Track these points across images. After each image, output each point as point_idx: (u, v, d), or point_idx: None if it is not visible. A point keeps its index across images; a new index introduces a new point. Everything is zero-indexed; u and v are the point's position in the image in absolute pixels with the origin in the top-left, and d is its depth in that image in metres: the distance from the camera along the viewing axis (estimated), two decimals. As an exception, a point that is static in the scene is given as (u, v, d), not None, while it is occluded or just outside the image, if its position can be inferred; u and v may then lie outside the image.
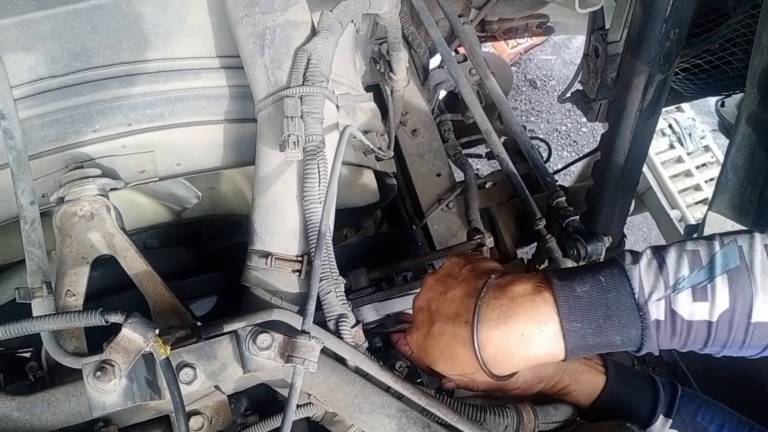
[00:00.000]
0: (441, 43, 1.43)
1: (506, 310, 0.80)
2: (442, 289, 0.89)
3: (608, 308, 0.76)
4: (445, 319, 0.85)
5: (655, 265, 0.76)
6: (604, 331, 0.76)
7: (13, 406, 0.83)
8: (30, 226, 0.89)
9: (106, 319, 0.76)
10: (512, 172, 1.35)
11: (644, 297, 0.75)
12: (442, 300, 0.87)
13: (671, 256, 0.76)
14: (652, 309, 0.75)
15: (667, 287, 0.74)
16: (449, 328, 0.84)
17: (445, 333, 0.85)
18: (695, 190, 3.07)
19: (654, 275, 0.75)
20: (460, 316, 0.83)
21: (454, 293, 0.86)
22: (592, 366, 1.02)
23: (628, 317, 0.75)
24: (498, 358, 0.81)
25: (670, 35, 1.29)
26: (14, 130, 0.92)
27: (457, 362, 0.85)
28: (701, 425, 0.96)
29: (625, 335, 0.76)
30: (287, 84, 0.93)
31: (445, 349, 0.85)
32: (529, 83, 4.53)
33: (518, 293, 0.80)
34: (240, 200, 1.32)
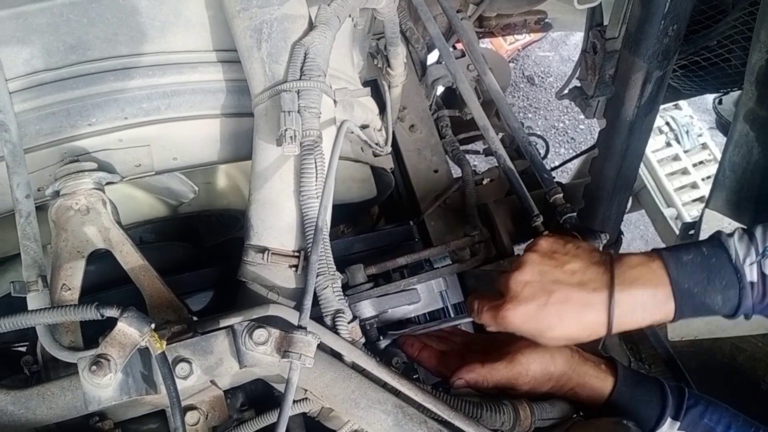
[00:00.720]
0: (439, 38, 1.43)
1: (628, 276, 0.92)
2: (555, 263, 0.96)
3: (710, 272, 0.90)
4: (569, 287, 0.93)
5: (746, 237, 0.90)
6: (708, 291, 0.89)
7: (8, 401, 0.82)
8: (25, 220, 0.89)
9: (102, 313, 0.76)
10: (510, 168, 1.34)
11: (740, 261, 0.89)
12: (561, 272, 0.95)
13: (759, 230, 0.90)
14: (747, 271, 0.88)
15: (757, 253, 0.88)
16: (577, 294, 0.93)
17: (570, 300, 0.93)
18: (692, 188, 3.08)
19: (746, 244, 0.89)
20: (587, 285, 0.93)
21: (573, 266, 0.95)
22: (601, 369, 1.03)
23: (729, 278, 0.89)
24: (624, 318, 0.91)
25: (668, 32, 1.28)
26: (9, 123, 0.91)
27: (581, 326, 0.93)
28: (708, 426, 0.97)
29: (725, 295, 0.89)
30: (284, 78, 0.93)
31: (568, 315, 0.93)
32: (527, 80, 4.53)
33: (635, 262, 0.93)
34: (237, 195, 1.32)
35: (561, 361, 1.00)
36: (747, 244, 0.89)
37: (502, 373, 0.99)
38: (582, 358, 1.03)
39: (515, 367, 0.99)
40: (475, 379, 0.99)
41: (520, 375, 0.98)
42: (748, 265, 0.88)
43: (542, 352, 1.00)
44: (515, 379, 0.99)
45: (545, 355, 1.00)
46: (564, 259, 0.97)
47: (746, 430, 0.97)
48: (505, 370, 0.99)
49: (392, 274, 1.16)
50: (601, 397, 1.01)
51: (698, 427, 0.97)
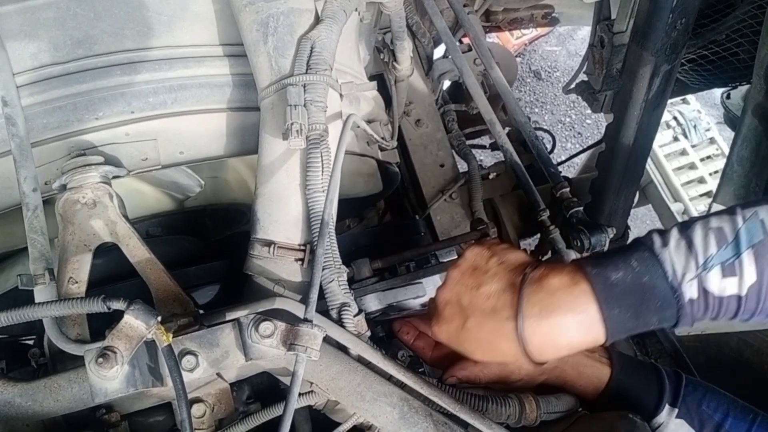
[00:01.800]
0: (445, 32, 1.43)
1: (547, 304, 0.82)
2: (473, 283, 0.90)
3: (644, 293, 0.79)
4: (481, 313, 0.87)
5: (684, 245, 0.79)
6: (641, 314, 0.79)
7: (15, 393, 0.83)
8: (32, 213, 0.89)
9: (108, 306, 0.76)
10: (516, 162, 1.34)
11: (678, 279, 0.78)
12: (476, 294, 0.88)
13: (698, 235, 0.78)
14: (685, 289, 0.77)
15: (697, 266, 0.77)
16: (488, 323, 0.86)
17: (483, 327, 0.87)
18: (699, 182, 3.06)
19: (684, 256, 0.78)
20: (499, 312, 0.85)
21: (488, 288, 0.87)
22: (597, 359, 1.02)
23: (664, 299, 0.78)
24: (542, 348, 0.83)
25: (676, 25, 1.28)
26: (17, 117, 0.92)
27: (497, 353, 0.87)
28: (706, 413, 0.97)
29: (661, 315, 0.79)
30: (290, 72, 0.93)
31: (484, 342, 0.87)
32: (534, 74, 4.52)
33: (556, 286, 0.83)
34: (243, 189, 1.32)
35: None
36: (686, 255, 0.78)
37: (493, 371, 0.98)
38: None
39: (507, 365, 0.98)
40: (468, 376, 0.98)
41: (512, 372, 0.98)
42: (687, 282, 0.77)
43: None
44: (507, 376, 0.98)
45: None
46: (482, 279, 0.89)
47: (744, 416, 0.96)
48: (497, 368, 0.98)
49: (398, 268, 1.15)
50: (599, 386, 1.01)
51: (696, 413, 0.97)
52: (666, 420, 0.97)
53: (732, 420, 0.96)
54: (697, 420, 0.96)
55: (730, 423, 0.96)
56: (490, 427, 0.86)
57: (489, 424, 0.86)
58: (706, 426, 0.96)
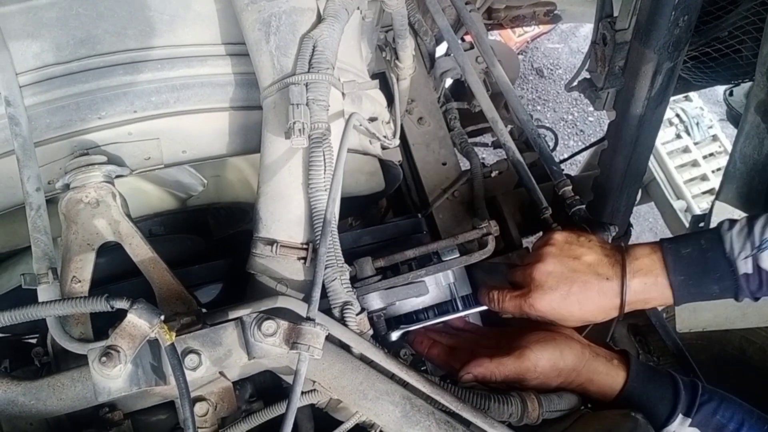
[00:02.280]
0: (447, 30, 1.43)
1: (634, 266, 1.02)
2: (574, 254, 1.06)
3: (705, 264, 0.98)
4: (587, 276, 1.04)
5: (745, 229, 0.97)
6: (703, 282, 0.99)
7: (18, 391, 0.83)
8: (36, 213, 0.90)
9: (112, 305, 0.77)
10: (518, 160, 1.34)
11: (734, 255, 0.96)
12: (579, 263, 1.05)
13: (759, 223, 0.96)
14: (740, 264, 0.96)
15: (753, 247, 0.95)
16: (594, 283, 1.03)
17: (590, 288, 1.03)
18: (702, 180, 3.06)
19: (743, 238, 0.96)
20: (602, 275, 1.03)
21: (589, 257, 1.05)
22: (613, 365, 1.03)
23: (723, 271, 0.97)
24: (632, 302, 1.03)
25: (679, 22, 1.27)
26: (20, 117, 0.92)
27: (598, 310, 1.05)
28: (721, 423, 0.97)
29: (721, 285, 0.98)
30: (293, 71, 0.93)
31: (589, 301, 1.04)
32: (536, 72, 4.52)
33: (640, 254, 1.03)
34: (245, 188, 1.32)
35: (570, 357, 1.01)
36: (744, 237, 0.96)
37: (510, 368, 0.99)
38: (593, 353, 1.03)
39: (524, 363, 0.99)
40: (483, 373, 0.99)
41: (529, 370, 0.98)
42: (742, 259, 0.95)
43: (552, 348, 1.00)
44: (523, 374, 0.99)
45: (555, 351, 1.00)
46: (580, 251, 1.07)
47: (760, 427, 0.96)
48: (513, 365, 0.99)
49: (400, 266, 1.15)
50: (612, 393, 1.01)
51: (710, 423, 0.97)
52: (678, 429, 0.97)
53: (747, 429, 0.96)
54: (712, 429, 0.97)
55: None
56: (493, 425, 0.86)
57: (491, 422, 0.86)
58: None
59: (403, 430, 0.86)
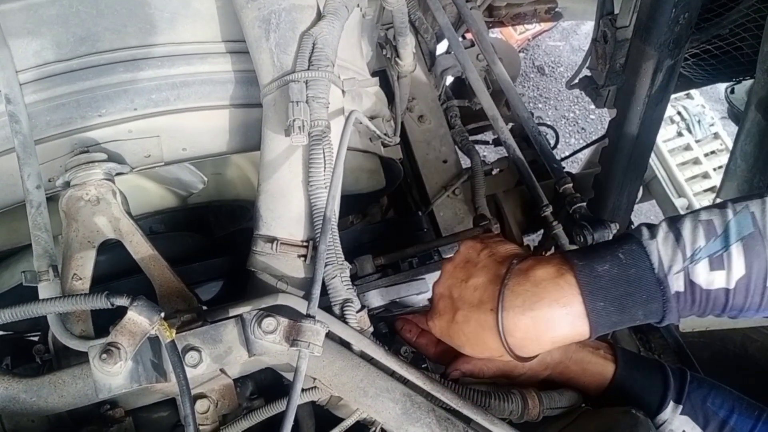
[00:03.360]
0: (448, 28, 1.43)
1: (531, 295, 0.81)
2: (463, 275, 0.90)
3: (629, 285, 0.78)
4: (469, 306, 0.87)
5: (672, 237, 0.78)
6: (626, 307, 0.78)
7: (20, 389, 0.83)
8: (36, 210, 0.90)
9: (112, 302, 0.77)
10: (519, 158, 1.34)
11: (664, 271, 0.77)
12: (464, 287, 0.89)
13: (687, 228, 0.78)
14: (672, 282, 0.76)
15: (684, 259, 0.76)
16: (474, 315, 0.86)
17: (470, 320, 0.86)
18: (703, 177, 3.06)
19: (671, 248, 0.77)
20: (485, 304, 0.85)
21: (476, 280, 0.88)
22: (601, 355, 1.02)
23: (650, 292, 0.77)
24: (525, 342, 0.83)
25: (679, 20, 1.27)
26: (20, 115, 0.92)
27: (484, 347, 0.87)
28: (711, 410, 0.96)
29: (647, 309, 0.78)
30: (292, 68, 0.93)
31: (471, 335, 0.87)
32: (537, 69, 4.51)
33: (541, 277, 0.82)
34: (246, 186, 1.32)
35: (556, 352, 0.99)
36: (673, 248, 0.77)
37: (497, 365, 0.98)
38: (579, 344, 1.02)
39: (511, 359, 0.98)
40: (471, 370, 0.98)
41: (516, 366, 0.98)
42: (673, 274, 0.76)
43: None
44: (511, 370, 0.98)
45: None
46: (471, 271, 0.90)
47: (750, 413, 0.96)
48: (500, 362, 0.98)
49: (401, 264, 1.15)
50: (603, 383, 1.00)
51: (701, 410, 0.96)
52: (670, 416, 0.97)
53: (737, 417, 0.95)
54: (702, 416, 0.96)
55: (735, 419, 0.95)
56: (493, 422, 0.86)
57: (491, 419, 0.86)
58: (711, 422, 0.96)
59: (404, 427, 0.86)
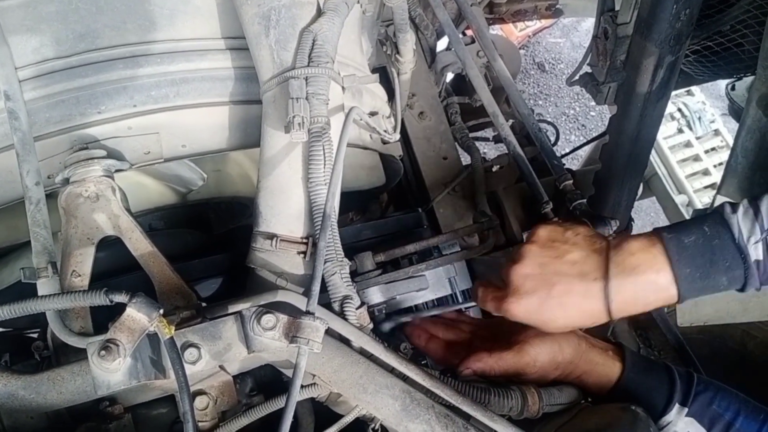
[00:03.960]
0: (448, 25, 1.42)
1: (628, 264, 0.89)
2: (556, 253, 0.95)
3: (713, 253, 0.87)
4: (570, 278, 0.92)
5: (751, 212, 0.87)
6: (711, 273, 0.87)
7: (19, 385, 0.83)
8: (35, 207, 0.90)
9: (111, 299, 0.77)
10: (519, 155, 1.34)
11: (744, 241, 0.86)
12: (560, 263, 0.94)
13: (765, 204, 0.86)
14: (751, 250, 0.85)
15: (762, 231, 0.85)
16: (578, 285, 0.91)
17: (572, 291, 0.92)
18: (704, 174, 3.06)
19: (750, 221, 0.86)
20: (588, 274, 0.91)
21: (573, 255, 0.94)
22: (609, 356, 1.03)
23: (732, 259, 0.86)
24: (624, 305, 0.90)
25: (680, 16, 1.27)
26: (19, 111, 0.92)
27: (584, 316, 0.92)
28: (717, 412, 0.96)
29: (730, 275, 0.87)
30: (292, 65, 0.93)
31: (571, 306, 0.92)
32: (538, 66, 4.51)
33: (635, 248, 0.90)
34: (246, 182, 1.32)
35: (569, 351, 1.00)
36: (752, 221, 0.86)
37: (509, 363, 0.98)
38: (589, 344, 1.03)
39: (523, 357, 0.98)
40: (482, 368, 0.99)
41: (528, 365, 0.98)
42: (752, 244, 0.85)
43: (550, 342, 1.00)
44: (523, 368, 0.98)
45: (553, 345, 1.00)
46: (564, 248, 0.95)
47: (756, 416, 0.96)
48: (512, 360, 0.98)
49: (401, 261, 1.16)
50: (609, 384, 1.01)
51: (707, 413, 0.96)
52: (675, 418, 0.97)
53: (743, 419, 0.96)
54: (708, 419, 0.96)
55: (740, 422, 0.95)
56: (492, 419, 0.86)
57: (491, 416, 0.86)
58: (717, 425, 0.96)
59: (403, 423, 0.86)
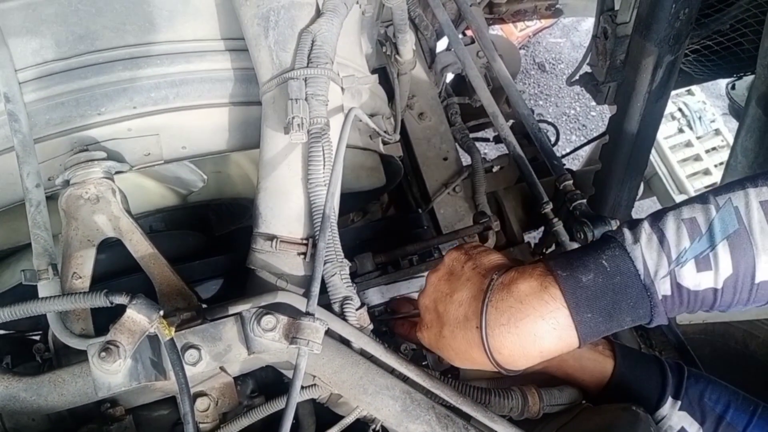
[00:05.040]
0: (448, 25, 1.42)
1: (515, 312, 0.79)
2: (448, 289, 0.87)
3: (615, 293, 0.76)
4: (454, 322, 0.84)
5: (655, 240, 0.75)
6: (614, 315, 0.77)
7: (20, 387, 0.83)
8: (36, 209, 0.90)
9: (111, 301, 0.77)
10: (519, 155, 1.34)
11: (650, 277, 0.75)
12: (449, 302, 0.86)
13: (670, 228, 0.75)
14: (659, 286, 0.75)
15: (670, 262, 0.74)
16: (460, 332, 0.83)
17: (456, 337, 0.84)
18: (704, 174, 3.05)
19: (656, 251, 0.75)
20: (470, 321, 0.82)
21: (460, 295, 0.85)
22: (599, 351, 1.02)
23: (637, 298, 0.75)
24: (513, 358, 0.81)
25: (679, 16, 1.27)
26: (19, 113, 0.92)
27: (473, 363, 0.84)
28: (708, 406, 0.96)
29: (635, 314, 0.77)
30: (291, 66, 0.93)
31: (459, 351, 0.84)
32: (538, 66, 4.51)
33: (524, 292, 0.79)
34: (246, 184, 1.32)
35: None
36: (658, 251, 0.75)
37: None
38: None
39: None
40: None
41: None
42: (659, 279, 0.74)
43: None
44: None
45: None
46: (456, 285, 0.87)
47: (746, 407, 0.96)
48: None
49: (401, 262, 1.16)
50: (603, 379, 1.00)
51: (698, 406, 0.97)
52: (669, 412, 0.97)
53: (733, 412, 0.96)
54: (699, 412, 0.96)
55: (731, 414, 0.95)
56: (493, 419, 0.86)
57: (491, 416, 0.86)
58: (708, 418, 0.96)
59: (404, 424, 0.86)
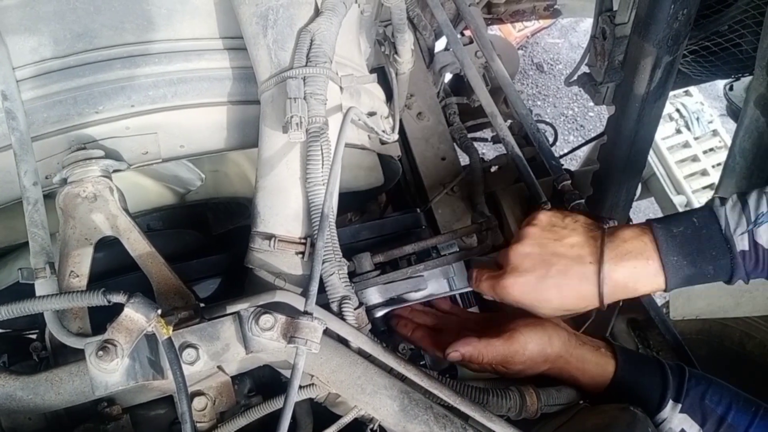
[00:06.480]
0: (447, 25, 1.42)
1: (621, 251, 0.94)
2: (554, 236, 1.00)
3: (700, 243, 0.91)
4: (567, 260, 0.97)
5: (738, 205, 0.91)
6: (698, 262, 0.91)
7: (17, 386, 0.83)
8: (33, 207, 0.89)
9: (109, 299, 0.76)
10: (518, 155, 1.34)
11: (730, 231, 0.90)
12: (560, 245, 0.98)
13: (752, 197, 0.91)
14: (737, 241, 0.89)
15: (749, 222, 0.89)
16: (574, 267, 0.96)
17: (568, 272, 0.96)
18: (702, 175, 3.06)
19: (738, 213, 0.90)
20: (584, 258, 0.96)
21: (572, 239, 0.98)
22: (601, 353, 1.03)
23: (718, 249, 0.90)
24: (615, 290, 0.95)
25: (678, 16, 1.27)
26: (17, 111, 0.92)
27: (577, 297, 0.97)
28: (709, 407, 0.97)
29: (716, 265, 0.91)
30: (290, 65, 0.93)
31: (566, 286, 0.96)
32: (536, 67, 4.51)
33: (628, 236, 0.95)
34: (244, 183, 1.32)
35: (558, 343, 1.01)
36: (739, 213, 0.90)
37: (498, 350, 0.99)
38: (579, 341, 1.03)
39: (512, 345, 0.99)
40: (471, 352, 0.99)
41: (517, 353, 0.98)
42: (738, 235, 0.89)
43: (540, 333, 1.00)
44: (511, 356, 0.99)
45: (543, 336, 1.00)
46: (563, 233, 1.00)
47: (747, 408, 0.96)
48: (501, 347, 0.99)
49: (399, 261, 1.15)
50: (604, 382, 1.01)
51: (699, 407, 0.97)
52: (669, 415, 0.97)
53: (734, 413, 0.96)
54: (700, 414, 0.96)
55: (732, 416, 0.96)
56: (491, 419, 0.86)
57: (489, 416, 0.86)
58: (709, 419, 0.96)
59: (402, 424, 0.86)
